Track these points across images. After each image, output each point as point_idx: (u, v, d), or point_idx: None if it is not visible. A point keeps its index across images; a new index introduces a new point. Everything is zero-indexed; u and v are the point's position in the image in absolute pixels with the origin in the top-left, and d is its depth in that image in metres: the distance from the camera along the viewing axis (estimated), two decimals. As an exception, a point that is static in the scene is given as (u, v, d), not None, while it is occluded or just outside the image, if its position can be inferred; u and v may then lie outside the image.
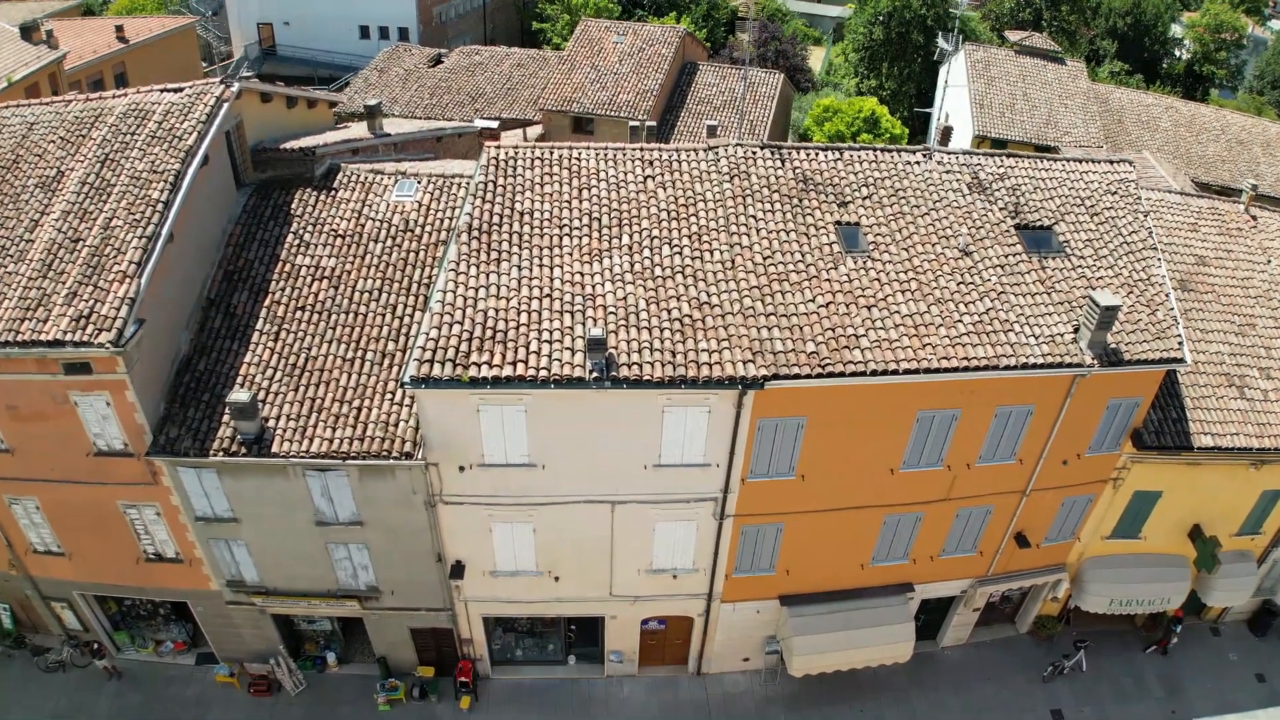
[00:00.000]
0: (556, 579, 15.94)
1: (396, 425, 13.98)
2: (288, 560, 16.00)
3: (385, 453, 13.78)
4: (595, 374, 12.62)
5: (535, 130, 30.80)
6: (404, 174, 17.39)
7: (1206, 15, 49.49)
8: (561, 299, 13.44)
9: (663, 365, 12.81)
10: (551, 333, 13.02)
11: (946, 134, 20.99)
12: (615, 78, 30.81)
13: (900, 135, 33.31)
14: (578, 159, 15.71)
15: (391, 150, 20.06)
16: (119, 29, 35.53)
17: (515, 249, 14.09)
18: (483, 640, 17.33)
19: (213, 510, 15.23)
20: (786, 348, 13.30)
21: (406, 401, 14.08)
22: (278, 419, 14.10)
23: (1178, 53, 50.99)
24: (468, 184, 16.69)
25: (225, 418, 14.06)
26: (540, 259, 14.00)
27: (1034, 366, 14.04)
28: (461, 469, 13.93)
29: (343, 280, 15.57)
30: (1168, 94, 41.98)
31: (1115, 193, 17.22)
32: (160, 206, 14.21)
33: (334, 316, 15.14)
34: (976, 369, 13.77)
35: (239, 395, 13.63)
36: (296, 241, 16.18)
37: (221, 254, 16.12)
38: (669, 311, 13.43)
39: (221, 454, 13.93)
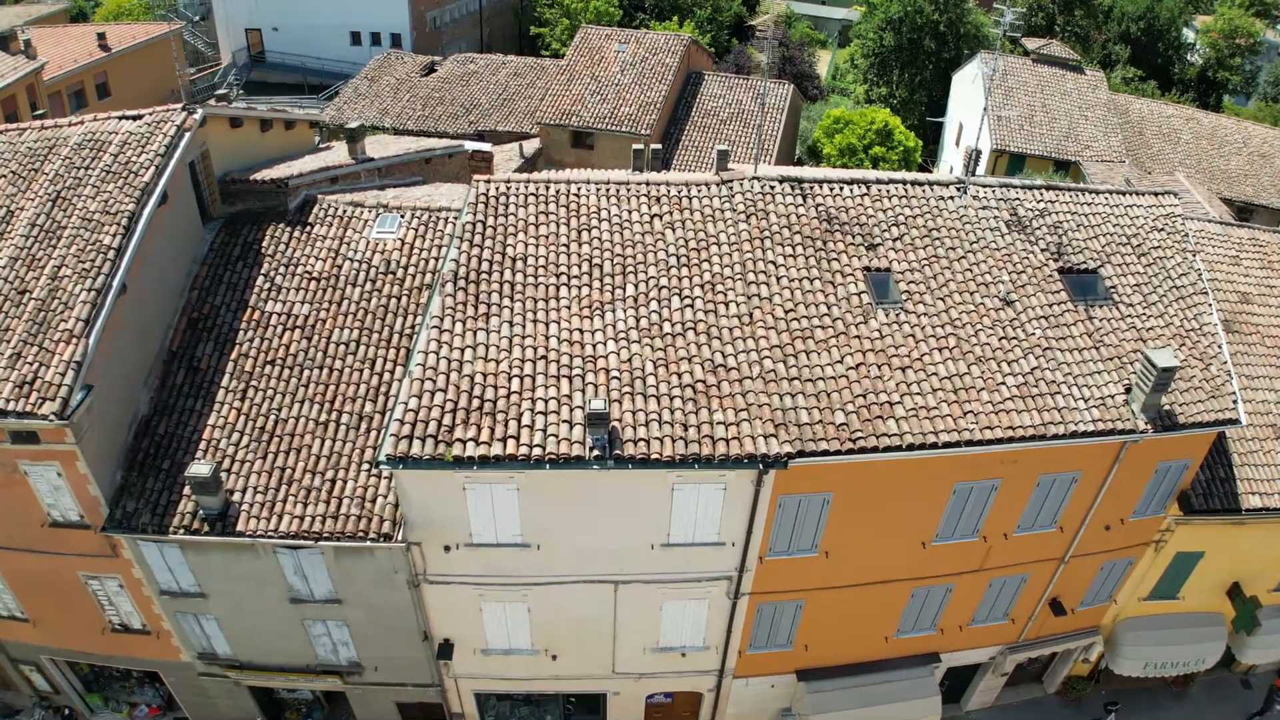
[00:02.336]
0: (554, 657, 14.32)
1: (374, 501, 12.23)
2: (262, 635, 14.29)
3: (362, 533, 12.06)
4: (596, 452, 10.88)
5: (532, 144, 29.02)
6: (385, 207, 15.65)
7: (1220, 20, 47.64)
8: (558, 362, 11.66)
9: (673, 441, 11.03)
10: (547, 402, 11.23)
11: (974, 157, 19.40)
12: (617, 89, 29.03)
13: (914, 148, 31.57)
14: (576, 195, 13.92)
15: (375, 176, 18.37)
16: (101, 36, 33.67)
17: (506, 301, 12.27)
18: (475, 715, 15.81)
19: (178, 585, 13.54)
20: (813, 418, 11.55)
21: (385, 474, 12.41)
22: (243, 492, 12.34)
23: (1191, 58, 49.21)
24: (454, 220, 15.00)
25: (187, 489, 12.49)
26: (534, 313, 12.18)
27: (1084, 435, 12.53)
28: (447, 549, 12.31)
29: (317, 330, 13.80)
30: (1184, 103, 40.24)
31: (1162, 229, 15.56)
32: (111, 254, 12.40)
33: (306, 372, 13.35)
34: (1022, 439, 12.19)
35: (199, 468, 11.96)
36: (267, 285, 14.42)
37: (185, 299, 14.30)
38: (679, 376, 11.64)
39: (182, 531, 12.37)
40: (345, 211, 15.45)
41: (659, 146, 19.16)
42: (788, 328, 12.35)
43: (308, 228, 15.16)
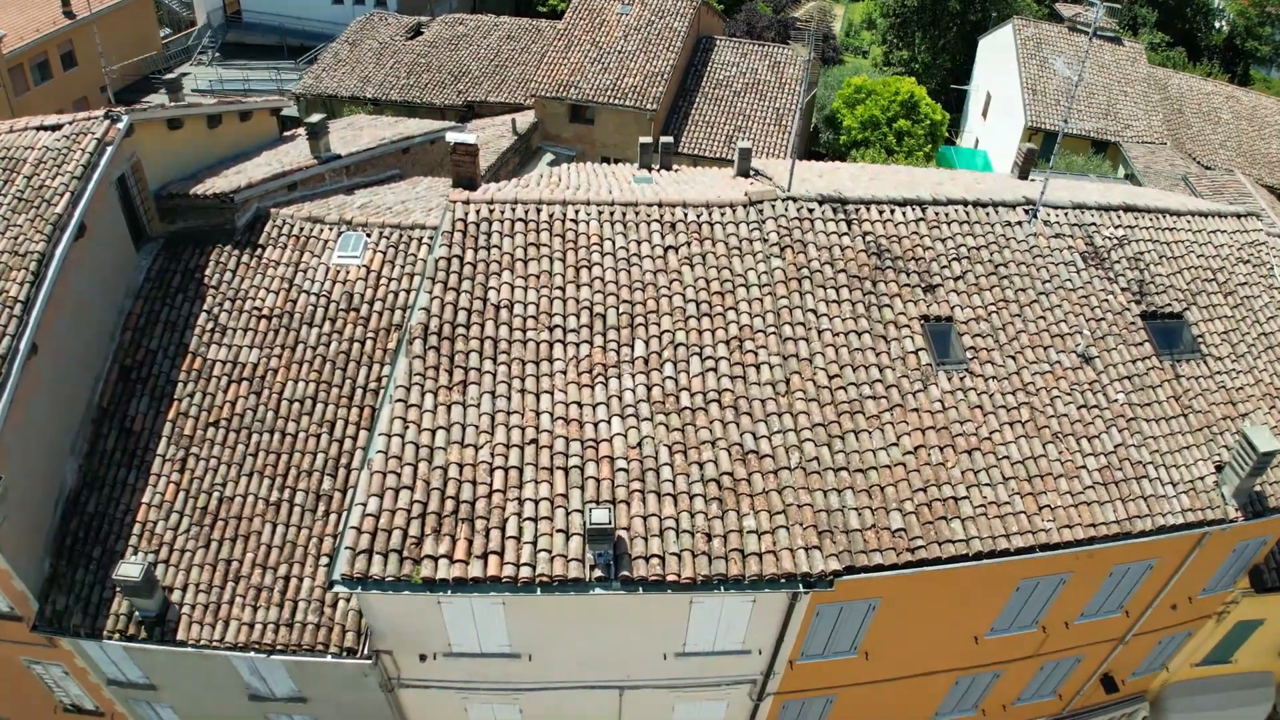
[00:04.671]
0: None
1: (334, 605, 9.73)
2: (224, 720, 12.40)
3: (321, 646, 9.68)
4: (599, 573, 8.41)
5: (526, 118, 25.44)
6: (349, 224, 12.58)
7: (1252, -15, 42.84)
8: (551, 448, 8.92)
9: (693, 557, 8.42)
10: (537, 505, 8.57)
11: (1029, 157, 16.30)
12: (620, 57, 25.24)
13: (940, 121, 27.99)
14: (574, 221, 10.92)
15: (343, 175, 15.33)
16: (65, 2, 29.45)
17: (488, 364, 9.44)
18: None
19: (125, 676, 11.26)
20: (863, 522, 8.91)
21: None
22: (184, 590, 9.82)
23: (1218, 24, 44.62)
24: (430, 240, 11.64)
25: (116, 581, 10.13)
26: (522, 381, 9.37)
27: (1173, 529, 10.15)
28: (423, 658, 10.09)
29: (267, 383, 10.93)
30: (1216, 75, 36.26)
31: (1247, 260, 12.59)
32: (18, 309, 9.58)
33: (255, 437, 10.58)
34: (1105, 539, 9.76)
35: (129, 569, 9.32)
36: (210, 324, 11.46)
37: (117, 343, 11.34)
38: (701, 467, 8.96)
39: (117, 635, 9.96)
40: (302, 230, 12.44)
41: (669, 139, 15.98)
42: (832, 399, 9.64)
43: (258, 250, 12.19)
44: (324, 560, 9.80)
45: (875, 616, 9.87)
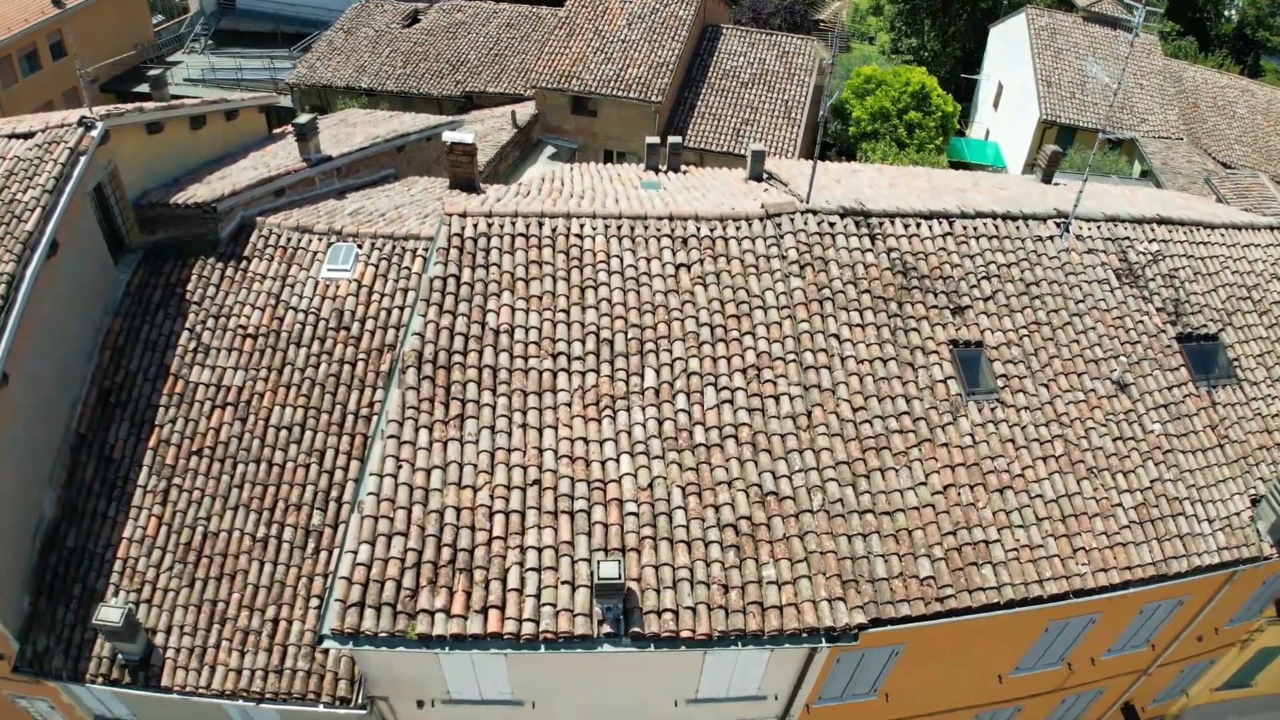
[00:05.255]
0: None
1: (326, 652, 9.09)
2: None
3: (313, 694, 8.99)
4: (607, 629, 7.65)
5: (526, 110, 24.35)
6: (339, 234, 11.57)
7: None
8: (555, 489, 8.12)
9: (709, 610, 7.64)
10: (541, 553, 7.79)
11: (1055, 160, 15.34)
12: (624, 46, 24.06)
13: (952, 113, 26.90)
14: (579, 235, 9.90)
15: (334, 177, 14.38)
16: (53, -10, 28.17)
17: (487, 396, 8.60)
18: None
19: (111, 713, 10.59)
20: (890, 570, 8.12)
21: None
22: (168, 632, 9.10)
23: (1228, 13, 43.14)
24: (424, 252, 10.58)
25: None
26: (524, 414, 8.54)
27: (1208, 569, 9.40)
28: (420, 704, 9.46)
29: (252, 408, 10.09)
30: (1226, 67, 34.94)
31: None
32: None
33: (240, 467, 9.77)
34: (1140, 582, 8.95)
35: (109, 612, 8.56)
36: (193, 344, 10.58)
37: (96, 364, 10.47)
38: (716, 510, 8.16)
39: (100, 679, 9.19)
40: (289, 240, 11.55)
41: (677, 139, 15.01)
42: (857, 434, 8.81)
43: (243, 263, 11.31)
44: (314, 602, 9.09)
45: (898, 660, 9.23)
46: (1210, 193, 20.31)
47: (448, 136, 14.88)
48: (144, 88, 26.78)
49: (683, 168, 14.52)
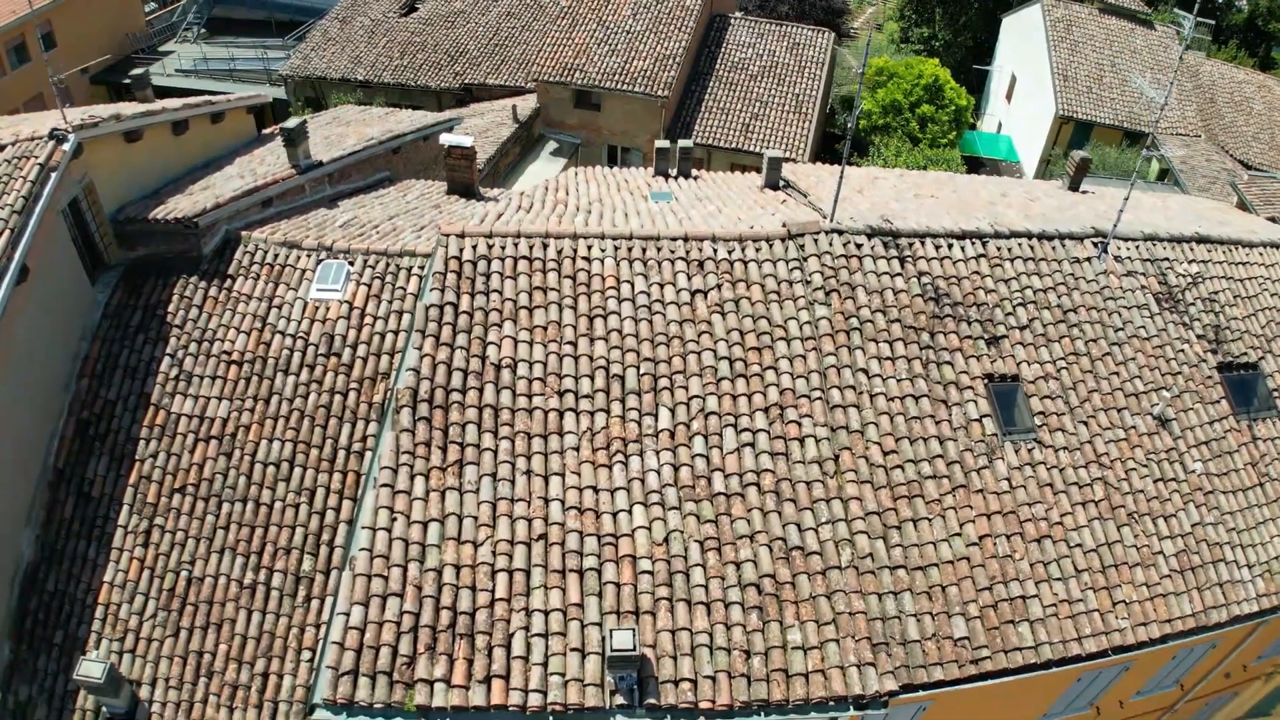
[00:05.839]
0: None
1: (317, 708, 8.79)
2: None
3: (302, 753, 8.68)
4: (621, 700, 6.98)
5: (528, 104, 23.25)
6: (329, 250, 10.52)
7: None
8: (563, 545, 7.35)
9: (730, 678, 6.92)
10: (548, 617, 7.06)
11: (1083, 167, 14.41)
12: (628, 38, 22.89)
13: (966, 107, 25.82)
14: (586, 259, 8.90)
15: (325, 184, 13.44)
16: (43, -20, 26.74)
17: (488, 439, 7.77)
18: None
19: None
20: (923, 630, 7.39)
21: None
22: (153, 685, 8.38)
23: (1240, 3, 41.69)
24: (420, 270, 9.71)
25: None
26: (528, 460, 7.72)
27: (1247, 618, 8.68)
28: (420, 761, 8.86)
29: (238, 442, 9.27)
30: (1239, 59, 33.73)
31: None
32: None
33: (226, 506, 8.98)
34: (1179, 635, 8.23)
35: (90, 667, 7.81)
36: (174, 370, 9.73)
37: (73, 392, 9.66)
38: (738, 568, 7.40)
39: (80, 731, 8.74)
40: (276, 257, 10.65)
41: (688, 144, 14.06)
42: (888, 480, 8.01)
43: (227, 282, 10.42)
44: (306, 655, 8.40)
45: (923, 716, 8.60)
46: (1234, 198, 19.41)
47: (445, 139, 13.94)
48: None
49: (694, 172, 13.62)
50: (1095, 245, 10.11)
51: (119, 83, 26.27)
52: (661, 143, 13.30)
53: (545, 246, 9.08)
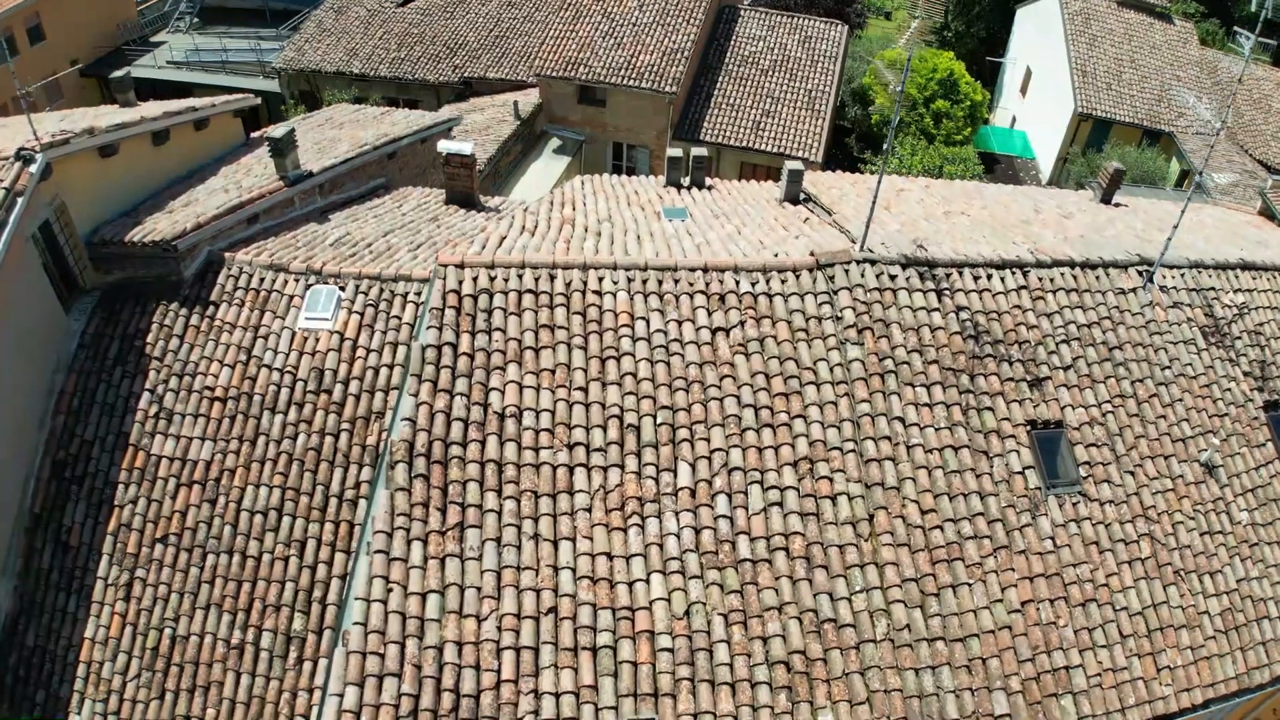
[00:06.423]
0: None
1: (311, 780, 8.16)
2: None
3: (295, 829, 8.04)
4: (639, 794, 6.63)
5: (529, 99, 22.12)
6: (318, 274, 9.64)
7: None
8: (575, 619, 6.58)
9: (758, 768, 6.75)
10: (559, 699, 6.31)
11: (1116, 179, 13.48)
12: (634, 30, 21.69)
13: (981, 102, 24.71)
14: (598, 293, 8.07)
15: (316, 195, 12.45)
16: (28, -29, 25.32)
17: (491, 500, 6.96)
18: None
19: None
20: (962, 708, 6.66)
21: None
22: (132, 750, 8.00)
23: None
24: (417, 296, 9.06)
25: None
26: (535, 523, 6.92)
27: None
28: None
29: (223, 487, 8.46)
30: (1254, 54, 32.42)
31: None
32: None
33: (211, 558, 8.22)
34: (1222, 699, 7.61)
35: None
36: (154, 407, 8.97)
37: (48, 429, 8.85)
38: (765, 642, 6.64)
39: (59, 796, 8.10)
40: (262, 281, 9.72)
41: (703, 153, 13.10)
42: (925, 543, 7.23)
43: (209, 309, 9.54)
44: (298, 721, 7.81)
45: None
46: (1263, 206, 18.47)
47: (443, 146, 12.96)
48: (129, 71, 24.41)
49: (707, 181, 12.69)
50: (1141, 274, 9.31)
51: (110, 76, 25.13)
52: (674, 151, 12.33)
53: (552, 278, 8.19)
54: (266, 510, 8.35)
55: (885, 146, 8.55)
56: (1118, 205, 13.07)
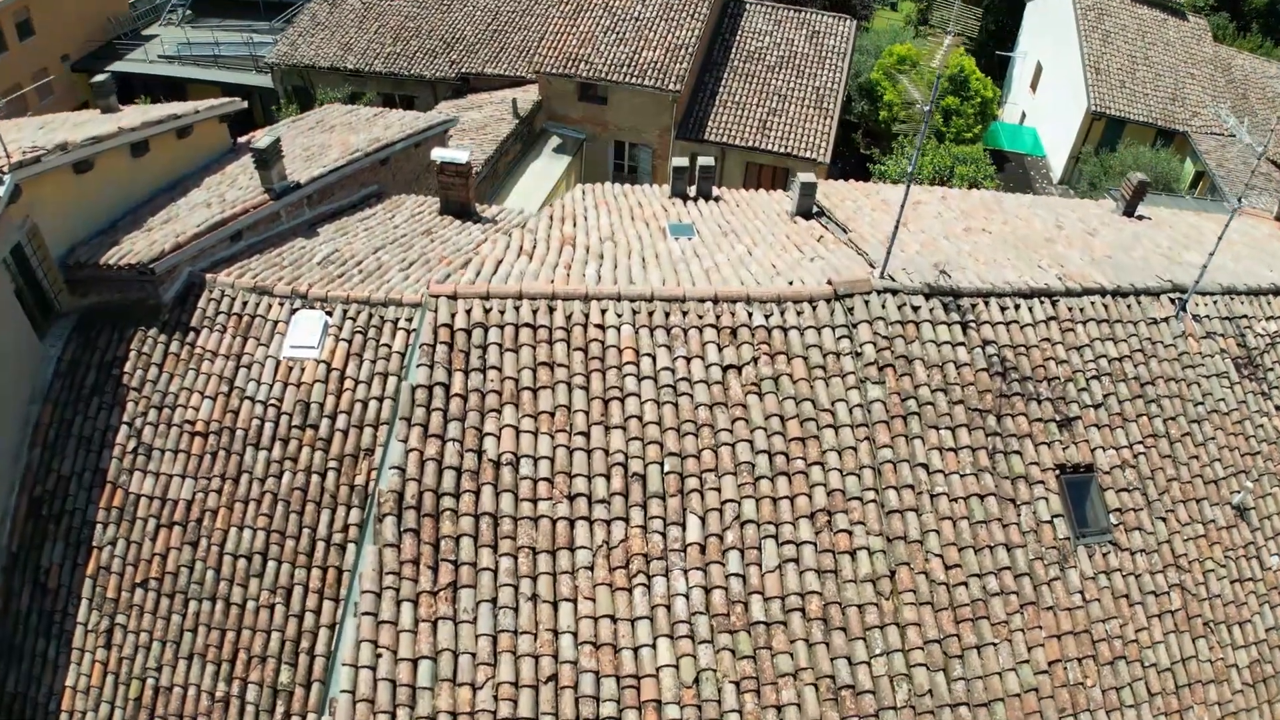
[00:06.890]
0: None
1: (300, 842, 7.70)
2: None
3: None
4: None
5: (529, 96, 21.24)
6: (304, 297, 8.97)
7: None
8: (576, 688, 6.05)
9: None
10: (559, 777, 6.24)
11: (1140, 191, 12.76)
12: (637, 25, 20.75)
13: (991, 99, 23.87)
14: (600, 327, 7.44)
15: (304, 206, 11.74)
16: (14, -39, 24.25)
17: (486, 557, 6.40)
18: None
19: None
20: None
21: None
22: (112, 805, 7.61)
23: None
24: (409, 323, 8.46)
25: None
26: (534, 583, 6.37)
27: None
28: None
29: (205, 529, 7.89)
30: (1266, 50, 31.38)
31: None
32: None
33: (193, 605, 7.68)
34: None
35: None
36: (132, 442, 8.38)
37: (24, 464, 8.27)
38: (779, 711, 6.07)
39: None
40: (245, 305, 9.07)
41: (710, 161, 12.43)
42: (950, 600, 6.66)
43: (189, 336, 8.90)
44: (285, 781, 7.35)
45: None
46: (1276, 207, 17.76)
47: (437, 154, 12.22)
48: (119, 67, 23.50)
49: (714, 192, 12.01)
50: (1173, 302, 8.70)
51: (91, 81, 24.30)
52: (679, 160, 11.63)
53: (551, 310, 7.55)
54: (251, 554, 7.79)
55: (909, 169, 7.83)
56: (1140, 218, 12.42)
